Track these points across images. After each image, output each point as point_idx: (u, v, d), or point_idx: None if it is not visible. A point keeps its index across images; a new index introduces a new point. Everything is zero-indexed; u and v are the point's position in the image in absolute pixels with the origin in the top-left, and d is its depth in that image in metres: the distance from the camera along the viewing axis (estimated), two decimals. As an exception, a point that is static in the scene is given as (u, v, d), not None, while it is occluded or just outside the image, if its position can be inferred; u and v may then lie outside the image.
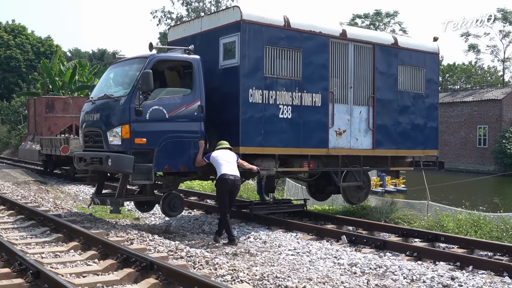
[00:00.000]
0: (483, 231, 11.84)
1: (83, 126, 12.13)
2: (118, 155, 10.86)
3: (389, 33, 15.98)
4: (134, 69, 11.59)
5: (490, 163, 48.15)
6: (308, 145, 12.77)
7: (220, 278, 7.37)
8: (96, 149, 11.56)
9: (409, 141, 14.82)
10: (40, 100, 29.02)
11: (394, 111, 14.47)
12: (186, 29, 13.52)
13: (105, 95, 11.60)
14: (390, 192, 30.19)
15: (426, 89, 15.22)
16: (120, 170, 11.12)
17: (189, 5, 61.58)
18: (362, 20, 79.40)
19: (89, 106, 12.07)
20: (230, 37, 11.98)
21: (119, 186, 11.57)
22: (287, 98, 12.36)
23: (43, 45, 70.42)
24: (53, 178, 24.21)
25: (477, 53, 70.37)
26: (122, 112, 10.94)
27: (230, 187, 10.86)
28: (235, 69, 11.82)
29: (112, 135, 11.04)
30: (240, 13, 11.68)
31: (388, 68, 14.31)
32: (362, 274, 8.76)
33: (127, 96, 10.96)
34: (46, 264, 7.58)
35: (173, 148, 11.28)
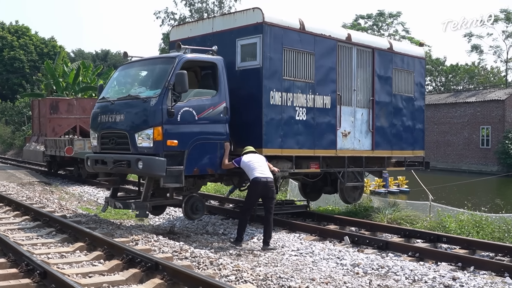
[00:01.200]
0: (485, 232, 11.89)
1: (99, 128, 11.70)
2: (150, 158, 10.56)
3: (385, 38, 16.35)
4: (161, 70, 11.41)
5: (493, 164, 48.12)
6: (320, 147, 13.00)
7: (224, 278, 7.46)
8: (119, 151, 11.21)
9: (401, 142, 15.35)
10: (44, 101, 29.16)
11: (390, 113, 14.92)
12: (194, 29, 13.43)
13: (129, 96, 11.29)
14: (393, 193, 30.20)
15: (415, 92, 15.83)
16: (151, 173, 10.73)
17: (192, 6, 61.68)
18: (365, 21, 79.42)
19: (105, 107, 11.66)
20: (250, 39, 11.96)
21: (144, 189, 11.23)
22: (302, 100, 12.52)
23: (46, 46, 70.63)
24: (57, 179, 24.32)
25: (480, 53, 70.28)
26: (154, 114, 10.62)
27: (262, 189, 10.89)
28: (257, 70, 11.82)
29: (142, 137, 10.71)
30: (262, 15, 11.70)
31: (385, 71, 14.74)
32: (364, 274, 8.84)
33: (158, 97, 10.64)
34: (52, 265, 7.67)
35: (201, 151, 11.16)
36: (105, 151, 11.60)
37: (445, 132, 53.27)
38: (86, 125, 27.96)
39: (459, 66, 74.29)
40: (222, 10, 59.21)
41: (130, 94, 11.31)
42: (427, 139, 54.89)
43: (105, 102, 11.79)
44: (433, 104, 54.96)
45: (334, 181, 14.26)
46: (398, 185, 32.15)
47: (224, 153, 11.41)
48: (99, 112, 11.81)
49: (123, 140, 11.07)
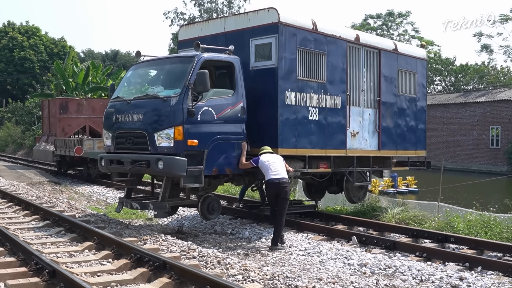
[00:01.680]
0: (493, 232, 11.87)
1: (114, 128, 11.59)
2: (171, 158, 10.46)
3: (390, 39, 16.55)
4: (179, 69, 11.39)
5: (503, 164, 47.92)
6: (331, 147, 13.10)
7: (231, 278, 7.51)
8: (136, 151, 11.10)
9: (405, 142, 15.55)
10: (54, 101, 29.27)
11: (395, 113, 15.10)
12: (204, 28, 13.39)
13: (146, 95, 11.23)
14: (402, 193, 30.16)
15: (417, 92, 16.05)
16: (172, 173, 10.61)
17: (202, 6, 61.79)
18: (375, 20, 79.27)
19: (121, 107, 11.54)
20: (264, 39, 11.97)
21: (162, 190, 11.13)
22: (315, 100, 12.59)
23: (56, 46, 70.94)
24: (67, 179, 24.44)
25: (490, 53, 69.95)
26: (174, 113, 10.53)
27: (275, 190, 10.96)
28: (272, 70, 11.83)
29: (161, 137, 10.62)
30: (278, 15, 11.72)
31: (390, 72, 14.90)
32: (371, 274, 8.86)
33: (179, 96, 10.57)
34: (61, 264, 7.74)
35: (220, 150, 11.13)
36: (120, 151, 11.49)
37: (455, 132, 53.11)
38: (95, 125, 28.13)
39: (469, 65, 74.00)
40: (232, 10, 59.27)
41: (148, 94, 11.25)
42: (436, 139, 55.23)
43: (120, 102, 11.69)
44: (442, 104, 54.84)
45: (339, 180, 14.32)
46: (407, 185, 32.11)
47: (242, 153, 11.41)
48: (113, 111, 11.70)
49: (141, 140, 10.97)
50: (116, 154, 11.60)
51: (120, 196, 12.73)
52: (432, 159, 54.49)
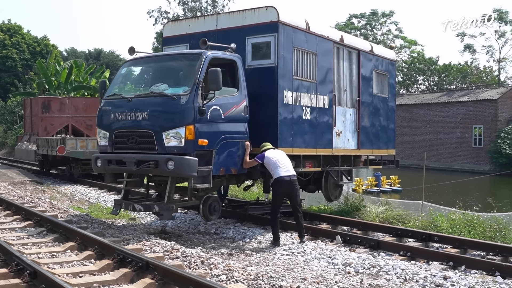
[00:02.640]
0: (476, 231, 11.92)
1: (113, 126, 11.14)
2: (183, 158, 10.16)
3: (366, 41, 16.75)
4: (186, 66, 11.22)
5: (486, 163, 48.29)
6: (321, 146, 13.25)
7: (215, 278, 7.45)
8: (140, 151, 10.70)
9: (379, 142, 15.84)
10: (37, 100, 29.07)
11: (371, 113, 15.37)
12: (194, 25, 13.18)
13: (151, 93, 10.82)
14: (386, 192, 30.27)
15: (389, 93, 16.37)
16: (183, 173, 10.33)
17: (186, 5, 61.66)
18: (359, 20, 79.57)
19: (120, 105, 11.10)
20: (263, 37, 11.90)
21: (168, 190, 10.74)
22: (308, 100, 12.64)
23: (39, 44, 70.46)
24: (49, 178, 24.26)
25: (473, 53, 70.56)
26: (185, 112, 10.25)
27: (286, 188, 10.97)
28: (271, 70, 11.77)
29: (170, 136, 10.31)
30: (277, 14, 11.67)
31: (367, 73, 15.17)
32: (356, 274, 8.84)
33: (189, 94, 10.28)
34: (43, 264, 7.65)
35: (226, 150, 10.99)
36: (121, 151, 11.07)
37: (438, 132, 53.43)
38: (78, 124, 27.96)
39: (452, 65, 74.49)
40: (216, 9, 59.22)
41: (153, 91, 10.84)
42: (420, 139, 55.53)
43: (118, 99, 11.28)
44: (426, 103, 55.14)
45: (317, 179, 14.39)
46: (390, 184, 32.24)
47: (245, 152, 11.32)
48: (110, 109, 11.25)
49: (147, 139, 10.61)
50: (115, 154, 11.15)
51: (116, 198, 12.30)
52: (415, 158, 55.32)
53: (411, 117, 56.20)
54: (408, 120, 56.58)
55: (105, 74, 38.79)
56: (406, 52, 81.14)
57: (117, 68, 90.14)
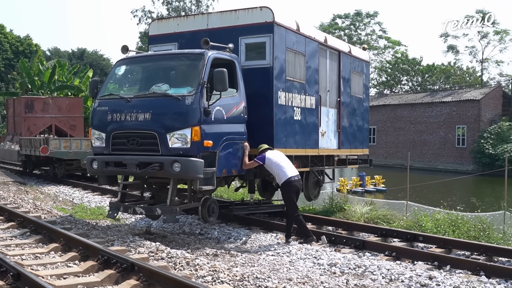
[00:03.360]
0: (461, 230, 11.97)
1: (110, 127, 10.82)
2: (189, 160, 10.01)
3: (345, 42, 16.94)
4: (188, 66, 11.10)
5: (469, 163, 48.60)
6: (309, 146, 13.37)
7: (200, 279, 7.42)
8: (142, 153, 10.47)
9: (356, 141, 16.13)
10: (19, 100, 28.88)
11: (349, 113, 15.60)
12: (183, 24, 13.02)
13: (153, 93, 10.60)
14: (370, 192, 30.37)
15: (364, 93, 16.70)
16: (189, 175, 10.22)
17: (170, 5, 61.50)
18: (343, 20, 79.75)
19: (118, 105, 10.82)
20: (257, 38, 11.86)
21: (170, 193, 10.60)
22: (298, 101, 12.71)
23: (22, 44, 69.92)
24: (32, 179, 24.06)
25: (456, 53, 70.89)
26: (191, 113, 10.10)
27: (297, 188, 11.12)
28: (266, 70, 11.73)
29: (175, 138, 10.15)
30: (273, 15, 11.66)
31: (346, 74, 15.37)
32: (341, 274, 8.84)
33: (194, 95, 10.14)
34: (26, 266, 7.57)
35: (228, 151, 10.92)
36: (119, 153, 10.79)
37: (422, 132, 53.71)
38: (61, 124, 27.80)
39: (435, 66, 74.89)
40: (200, 9, 59.14)
41: (155, 91, 10.64)
42: (404, 139, 55.80)
43: (115, 100, 11.05)
44: (409, 103, 55.41)
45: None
46: (375, 184, 32.36)
47: (244, 153, 11.29)
48: (107, 110, 10.93)
49: (150, 141, 10.39)
50: (114, 156, 10.85)
51: (111, 200, 11.96)
52: (399, 158, 55.56)
53: (395, 117, 56.45)
54: (392, 120, 56.83)
55: (88, 73, 38.58)
56: (390, 53, 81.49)
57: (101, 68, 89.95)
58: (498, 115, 50.21)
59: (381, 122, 58.19)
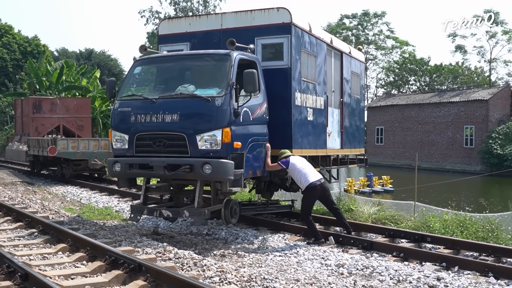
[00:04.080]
0: (469, 231, 11.91)
1: (134, 129, 10.65)
2: (220, 161, 9.98)
3: (345, 43, 17.07)
4: (213, 67, 11.05)
5: (477, 163, 48.46)
6: (319, 146, 13.50)
7: (208, 280, 7.41)
8: (169, 154, 10.35)
9: (355, 141, 16.30)
10: (27, 101, 28.94)
11: (350, 114, 15.76)
12: (195, 24, 12.93)
13: (180, 94, 10.54)
14: (378, 192, 30.32)
15: (361, 94, 16.95)
16: (220, 177, 10.19)
17: (177, 5, 61.60)
18: (350, 21, 79.75)
19: (142, 106, 10.69)
20: (275, 38, 11.88)
21: (198, 195, 10.54)
22: (310, 101, 12.80)
23: (30, 44, 70.02)
24: (40, 179, 24.13)
25: (464, 53, 70.86)
26: (221, 114, 10.07)
27: (320, 193, 11.25)
28: (284, 71, 11.73)
29: (205, 139, 10.09)
30: (290, 16, 11.70)
31: (347, 74, 15.52)
32: (349, 275, 8.82)
33: (224, 96, 10.11)
34: (34, 266, 7.58)
35: (253, 152, 10.93)
36: (143, 155, 10.67)
37: (429, 132, 53.60)
38: (69, 125, 27.85)
39: (443, 66, 74.73)
40: (207, 10, 59.20)
41: (182, 92, 10.58)
42: (411, 139, 55.76)
43: (139, 100, 10.90)
44: (417, 103, 55.29)
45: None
46: (382, 185, 32.31)
47: (266, 154, 11.31)
48: (130, 111, 10.76)
49: (178, 142, 10.31)
50: (140, 158, 10.70)
51: (133, 203, 11.58)
52: (407, 159, 55.53)
53: (403, 118, 56.34)
54: (399, 120, 56.72)
55: (96, 74, 38.65)
56: (398, 53, 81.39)
57: (109, 68, 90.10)
58: (507, 115, 50.04)
59: (389, 122, 58.12)
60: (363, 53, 17.92)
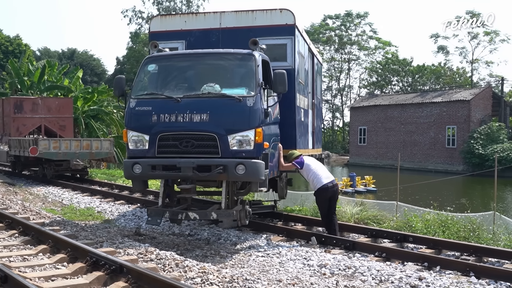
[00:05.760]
0: (450, 231, 11.97)
1: (156, 129, 10.28)
2: (254, 162, 9.87)
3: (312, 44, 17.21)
4: (237, 66, 10.91)
5: (459, 163, 48.78)
6: (305, 146, 13.56)
7: (190, 281, 7.38)
8: (197, 155, 10.12)
9: (318, 141, 16.55)
10: (8, 100, 28.73)
11: (317, 114, 16.07)
12: (191, 22, 12.72)
13: (208, 93, 10.26)
14: (360, 192, 30.43)
15: (321, 94, 17.45)
16: (253, 178, 10.03)
17: (160, 5, 61.46)
18: (333, 21, 79.98)
19: (165, 105, 10.34)
20: (277, 39, 11.89)
21: (224, 195, 10.43)
22: (303, 102, 12.99)
23: (11, 44, 69.63)
24: (21, 180, 23.91)
25: (446, 54, 71.40)
26: (254, 114, 9.97)
27: (331, 194, 11.42)
28: (288, 72, 11.36)
29: (237, 140, 9.96)
30: (294, 18, 11.75)
31: (316, 75, 15.68)
32: (331, 275, 8.82)
33: (255, 96, 10.02)
34: (14, 268, 7.51)
35: (273, 152, 10.93)
36: (167, 155, 10.33)
37: (412, 132, 53.89)
38: (51, 125, 27.67)
39: (426, 66, 75.24)
40: (191, 9, 59.09)
41: (210, 92, 10.32)
42: (394, 139, 56.05)
43: (160, 99, 10.54)
44: (400, 104, 55.57)
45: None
46: (365, 185, 32.42)
47: (280, 155, 11.33)
48: (151, 110, 10.38)
49: (208, 142, 10.10)
50: (164, 159, 10.35)
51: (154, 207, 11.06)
52: (390, 159, 55.75)
53: (386, 118, 56.60)
54: (382, 120, 56.98)
55: (78, 74, 38.44)
56: (380, 53, 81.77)
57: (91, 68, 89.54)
58: (488, 116, 50.43)
59: (372, 122, 58.37)
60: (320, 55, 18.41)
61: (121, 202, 16.88)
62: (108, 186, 20.39)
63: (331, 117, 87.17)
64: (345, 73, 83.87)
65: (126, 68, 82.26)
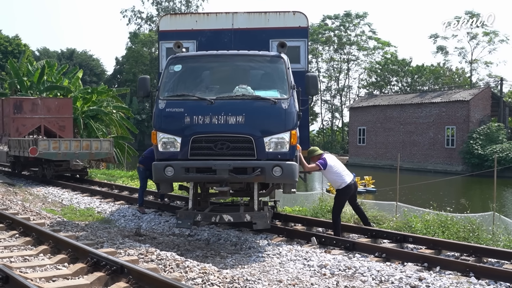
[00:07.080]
0: (450, 231, 11.98)
1: (189, 131, 10.14)
2: (290, 164, 9.94)
3: None
4: (267, 68, 10.94)
5: (458, 164, 48.79)
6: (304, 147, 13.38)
7: (190, 281, 7.39)
8: (233, 157, 10.05)
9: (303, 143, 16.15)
10: (8, 101, 28.71)
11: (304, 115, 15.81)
12: (202, 21, 12.72)
13: (242, 95, 10.24)
14: (360, 192, 30.37)
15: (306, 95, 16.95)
16: (289, 179, 10.11)
17: (159, 5, 61.48)
18: (332, 21, 79.97)
19: (197, 107, 10.23)
20: (291, 41, 11.72)
21: (256, 197, 10.50)
22: None
23: (10, 44, 69.64)
24: (21, 180, 23.90)
25: (445, 54, 71.32)
26: (289, 117, 10.08)
27: (353, 192, 11.77)
28: (302, 74, 11.57)
29: (273, 142, 9.99)
30: (307, 20, 11.90)
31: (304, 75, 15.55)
32: (331, 275, 8.84)
33: (289, 99, 10.12)
34: (15, 269, 7.52)
35: (298, 154, 10.98)
36: (201, 158, 10.23)
37: (411, 132, 53.90)
38: (51, 125, 27.66)
39: (425, 67, 75.24)
40: (190, 9, 59.13)
41: (244, 94, 10.31)
42: (393, 139, 56.01)
43: (191, 100, 10.39)
44: (399, 104, 55.59)
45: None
46: (365, 185, 32.40)
47: (301, 156, 11.34)
48: (183, 111, 10.24)
49: (243, 145, 10.08)
50: (198, 161, 10.25)
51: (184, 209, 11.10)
52: (389, 159, 55.69)
53: (385, 118, 56.63)
54: (381, 121, 57.00)
55: (78, 74, 38.43)
56: (380, 54, 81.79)
57: (90, 68, 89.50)
58: (487, 116, 50.44)
59: (371, 123, 58.38)
60: None
61: (121, 202, 16.89)
62: (108, 187, 20.41)
63: (330, 117, 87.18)
64: (344, 73, 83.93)
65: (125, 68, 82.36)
